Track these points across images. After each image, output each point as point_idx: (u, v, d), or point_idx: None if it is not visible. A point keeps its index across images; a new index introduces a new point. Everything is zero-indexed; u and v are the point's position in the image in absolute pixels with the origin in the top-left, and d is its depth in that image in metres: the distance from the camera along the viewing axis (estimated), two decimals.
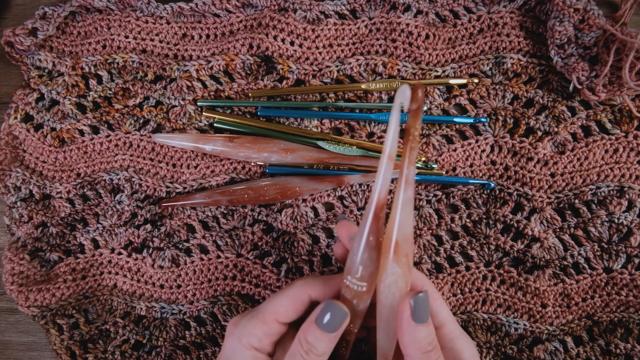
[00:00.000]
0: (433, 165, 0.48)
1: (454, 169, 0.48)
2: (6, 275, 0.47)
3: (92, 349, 0.48)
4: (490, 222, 0.48)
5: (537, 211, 0.47)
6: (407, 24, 0.49)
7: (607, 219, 0.47)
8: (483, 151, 0.48)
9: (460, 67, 0.49)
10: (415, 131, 0.28)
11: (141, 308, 0.48)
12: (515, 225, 0.47)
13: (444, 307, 0.35)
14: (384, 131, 0.49)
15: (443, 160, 0.48)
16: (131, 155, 0.49)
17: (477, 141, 0.48)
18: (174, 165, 0.49)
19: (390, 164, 0.28)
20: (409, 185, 0.29)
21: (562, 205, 0.47)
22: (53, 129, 0.50)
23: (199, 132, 0.49)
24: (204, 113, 0.49)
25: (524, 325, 0.47)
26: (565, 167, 0.47)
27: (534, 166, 0.47)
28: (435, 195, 0.48)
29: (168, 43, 0.51)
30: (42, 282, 0.48)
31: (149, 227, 0.49)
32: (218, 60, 0.49)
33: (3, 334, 0.50)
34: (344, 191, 0.48)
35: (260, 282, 0.48)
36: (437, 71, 0.49)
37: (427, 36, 0.49)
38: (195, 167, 0.49)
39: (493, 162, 0.48)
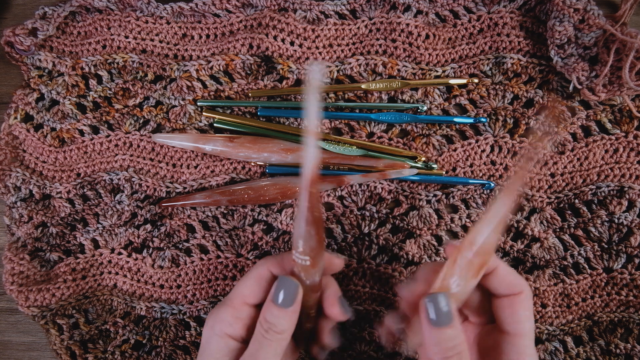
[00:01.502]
0: (433, 165, 0.48)
1: (454, 169, 0.48)
2: (6, 275, 0.47)
3: (92, 349, 0.48)
4: None
5: (537, 211, 0.47)
6: (407, 24, 0.49)
7: (607, 219, 0.47)
8: (483, 151, 0.48)
9: (460, 67, 0.49)
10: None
11: (141, 308, 0.48)
12: (515, 225, 0.47)
13: (530, 320, 0.33)
14: (384, 131, 0.49)
15: (443, 160, 0.48)
16: (131, 155, 0.49)
17: (477, 141, 0.48)
18: (174, 165, 0.49)
19: (312, 140, 0.29)
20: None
21: (562, 205, 0.47)
22: (53, 129, 0.50)
23: (199, 132, 0.49)
24: (204, 113, 0.49)
25: None
26: (565, 167, 0.47)
27: (534, 166, 0.47)
28: (435, 195, 0.48)
29: (168, 43, 0.51)
30: (42, 282, 0.48)
31: (149, 227, 0.49)
32: (218, 60, 0.49)
33: (3, 334, 0.50)
34: (344, 191, 0.48)
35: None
36: (437, 71, 0.49)
37: (427, 36, 0.49)
38: (195, 167, 0.49)
39: (493, 162, 0.48)
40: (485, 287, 0.34)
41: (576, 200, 0.47)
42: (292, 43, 0.50)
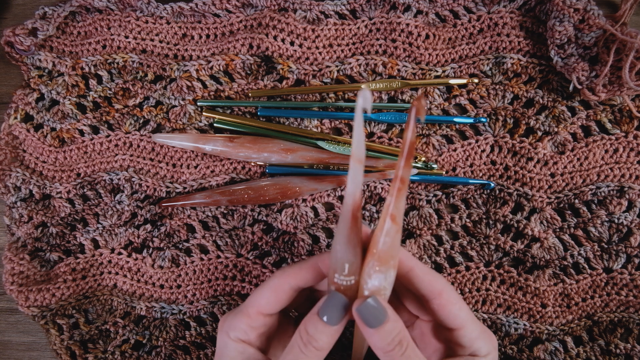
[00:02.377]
0: (433, 165, 0.48)
1: (454, 169, 0.48)
2: (6, 275, 0.47)
3: (92, 349, 0.48)
4: (490, 222, 0.48)
5: (537, 211, 0.47)
6: (407, 24, 0.49)
7: (607, 219, 0.47)
8: (483, 151, 0.48)
9: (460, 67, 0.49)
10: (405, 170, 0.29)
11: (141, 308, 0.48)
12: (515, 225, 0.47)
13: (463, 310, 0.34)
14: (384, 131, 0.49)
15: (443, 160, 0.48)
16: (131, 155, 0.49)
17: (477, 141, 0.48)
18: (174, 165, 0.49)
19: (358, 167, 0.28)
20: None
21: (562, 205, 0.47)
22: (53, 129, 0.50)
23: (199, 132, 0.49)
24: (204, 113, 0.49)
25: (524, 325, 0.47)
26: (565, 167, 0.47)
27: (534, 166, 0.47)
28: (435, 195, 0.48)
29: (168, 43, 0.51)
30: (42, 282, 0.48)
31: (149, 227, 0.49)
32: (218, 60, 0.49)
33: (3, 334, 0.50)
34: (344, 191, 0.48)
35: (260, 282, 0.48)
36: (437, 71, 0.49)
37: (427, 36, 0.49)
38: (195, 167, 0.49)
39: (493, 162, 0.48)
40: (410, 290, 0.35)
41: (576, 200, 0.47)
42: (292, 43, 0.50)
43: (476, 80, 0.48)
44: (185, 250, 0.49)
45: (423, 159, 0.48)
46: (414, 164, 0.47)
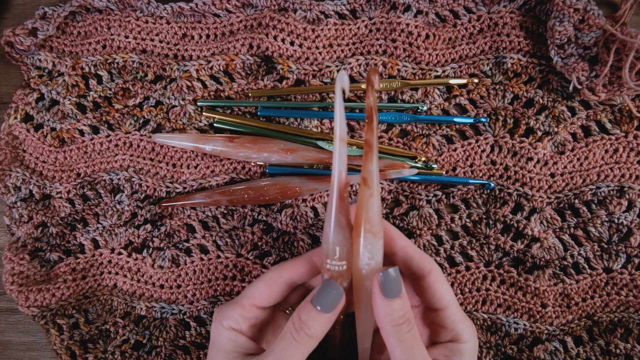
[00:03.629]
0: (433, 165, 0.48)
1: (454, 169, 0.48)
2: (6, 275, 0.47)
3: (92, 349, 0.48)
4: (490, 222, 0.48)
5: (537, 211, 0.47)
6: (407, 24, 0.49)
7: (607, 219, 0.47)
8: (483, 151, 0.48)
9: (460, 67, 0.49)
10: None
11: (141, 308, 0.48)
12: (515, 225, 0.47)
13: (449, 291, 0.36)
14: (384, 131, 0.49)
15: (443, 160, 0.48)
16: (131, 155, 0.49)
17: (477, 141, 0.48)
18: (174, 165, 0.49)
19: (342, 145, 0.29)
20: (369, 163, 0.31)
21: (562, 205, 0.47)
22: (53, 129, 0.50)
23: (199, 132, 0.49)
24: (204, 113, 0.49)
25: (524, 325, 0.47)
26: (565, 167, 0.47)
27: (534, 166, 0.47)
28: (435, 195, 0.48)
29: (168, 43, 0.51)
30: (42, 282, 0.48)
31: (149, 227, 0.49)
32: (218, 60, 0.49)
33: (3, 334, 0.50)
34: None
35: None
36: (437, 71, 0.49)
37: (427, 36, 0.49)
38: (195, 167, 0.49)
39: (493, 162, 0.48)
40: (400, 268, 0.36)
41: (576, 200, 0.47)
42: (292, 43, 0.50)
43: (476, 80, 0.48)
44: (185, 250, 0.49)
45: (423, 159, 0.48)
46: (413, 164, 0.47)
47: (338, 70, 0.48)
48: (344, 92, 0.28)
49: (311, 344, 0.33)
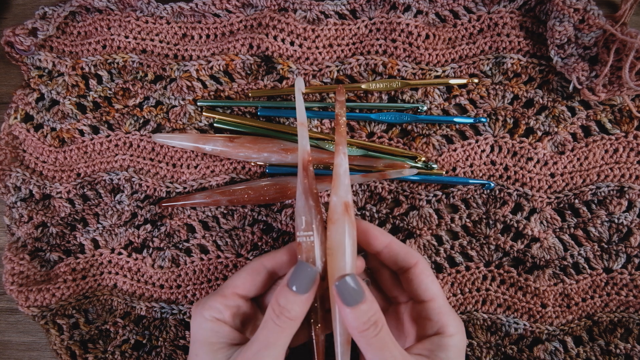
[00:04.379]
0: (433, 165, 0.48)
1: (454, 169, 0.48)
2: (6, 275, 0.47)
3: (92, 349, 0.48)
4: (490, 222, 0.48)
5: (537, 211, 0.47)
6: (407, 24, 0.49)
7: (607, 219, 0.47)
8: (483, 151, 0.48)
9: (460, 67, 0.49)
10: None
11: (141, 308, 0.48)
12: (515, 225, 0.47)
13: (435, 283, 0.37)
14: (384, 131, 0.49)
15: (443, 160, 0.48)
16: (131, 155, 0.49)
17: (477, 141, 0.48)
18: (174, 165, 0.49)
19: (302, 129, 0.37)
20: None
21: (562, 205, 0.47)
22: (53, 129, 0.50)
23: (199, 132, 0.49)
24: (204, 113, 0.49)
25: (524, 325, 0.47)
26: (565, 167, 0.47)
27: (534, 166, 0.47)
28: (435, 195, 0.48)
29: (168, 43, 0.51)
30: (42, 282, 0.48)
31: (149, 227, 0.49)
32: (218, 60, 0.49)
33: (3, 334, 0.50)
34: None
35: None
36: (437, 71, 0.49)
37: (427, 36, 0.49)
38: (195, 167, 0.49)
39: (493, 162, 0.48)
40: (386, 264, 0.38)
41: (576, 200, 0.47)
42: (292, 43, 0.50)
43: (476, 80, 0.48)
44: (185, 250, 0.49)
45: (423, 159, 0.48)
46: (413, 164, 0.47)
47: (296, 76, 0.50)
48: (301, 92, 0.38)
49: (293, 326, 0.33)
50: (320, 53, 0.50)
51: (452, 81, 0.48)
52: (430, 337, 0.36)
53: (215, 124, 0.49)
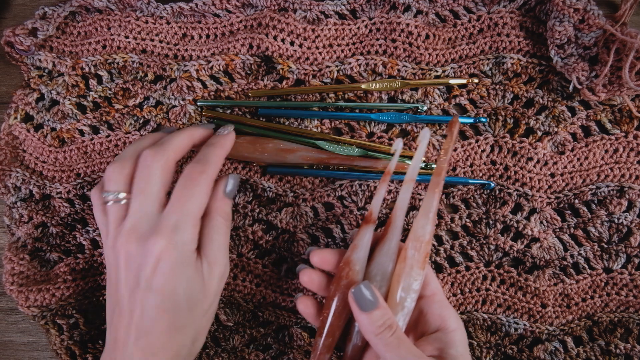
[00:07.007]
0: (433, 165, 0.48)
1: (454, 169, 0.48)
2: (6, 275, 0.47)
3: (92, 349, 0.48)
4: (490, 222, 0.48)
5: (537, 211, 0.47)
6: (407, 24, 0.49)
7: (607, 219, 0.47)
8: (483, 151, 0.48)
9: (460, 67, 0.49)
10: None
11: None
12: (515, 225, 0.47)
13: (434, 279, 0.39)
14: (384, 131, 0.49)
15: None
16: None
17: (477, 141, 0.48)
18: None
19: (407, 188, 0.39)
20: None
21: (562, 205, 0.47)
22: (53, 129, 0.50)
23: None
24: (204, 113, 0.49)
25: (524, 325, 0.47)
26: (565, 167, 0.47)
27: (534, 166, 0.47)
28: None
29: (168, 43, 0.51)
30: (42, 282, 0.48)
31: None
32: (218, 60, 0.49)
33: (3, 334, 0.50)
34: (344, 191, 0.48)
35: (261, 281, 0.48)
36: (437, 71, 0.49)
37: (427, 36, 0.49)
38: None
39: (493, 162, 0.48)
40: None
41: (576, 201, 0.47)
42: (292, 43, 0.50)
43: (476, 80, 0.48)
44: None
45: (423, 158, 0.48)
46: None
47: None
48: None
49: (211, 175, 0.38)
50: (320, 53, 0.50)
51: (452, 81, 0.48)
52: (433, 334, 0.37)
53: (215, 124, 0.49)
